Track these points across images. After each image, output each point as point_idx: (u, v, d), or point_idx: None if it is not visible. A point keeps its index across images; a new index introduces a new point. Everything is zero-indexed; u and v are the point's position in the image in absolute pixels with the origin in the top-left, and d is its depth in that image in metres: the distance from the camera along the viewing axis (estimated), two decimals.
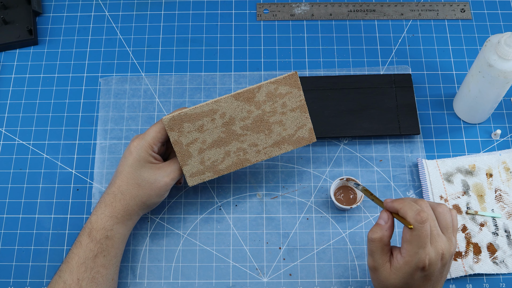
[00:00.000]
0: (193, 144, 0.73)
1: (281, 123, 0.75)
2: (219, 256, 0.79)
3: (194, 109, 0.71)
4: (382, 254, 0.63)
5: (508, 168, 0.82)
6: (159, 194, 0.73)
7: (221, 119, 0.72)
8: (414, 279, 0.61)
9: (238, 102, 0.72)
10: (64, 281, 0.68)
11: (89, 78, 0.90)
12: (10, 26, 0.92)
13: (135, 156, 0.72)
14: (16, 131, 0.87)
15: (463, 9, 0.95)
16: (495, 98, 0.79)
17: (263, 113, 0.73)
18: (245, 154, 0.75)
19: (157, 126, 0.72)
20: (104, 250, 0.70)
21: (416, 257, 0.60)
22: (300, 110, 0.75)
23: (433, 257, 0.60)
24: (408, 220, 0.61)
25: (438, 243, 0.61)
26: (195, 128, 0.72)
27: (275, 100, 0.73)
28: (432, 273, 0.61)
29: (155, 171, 0.72)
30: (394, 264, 0.62)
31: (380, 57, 0.91)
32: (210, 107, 0.72)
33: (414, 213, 0.60)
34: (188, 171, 0.74)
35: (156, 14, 0.95)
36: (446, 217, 0.62)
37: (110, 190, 0.73)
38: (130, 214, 0.73)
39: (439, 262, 0.61)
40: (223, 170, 0.75)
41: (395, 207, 0.63)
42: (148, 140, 0.72)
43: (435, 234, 0.61)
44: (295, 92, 0.73)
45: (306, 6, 0.95)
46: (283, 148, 0.76)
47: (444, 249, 0.61)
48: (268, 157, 0.76)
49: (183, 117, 0.71)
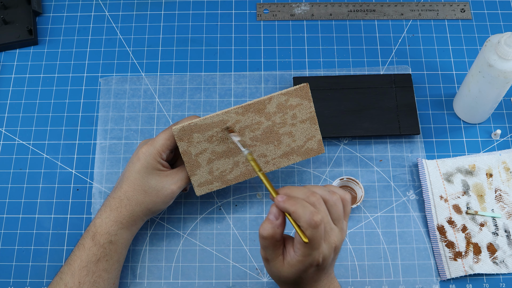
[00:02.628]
0: (202, 154, 0.72)
1: (290, 134, 0.74)
2: (219, 256, 0.79)
3: (204, 120, 0.70)
4: (275, 249, 0.61)
5: (508, 168, 0.82)
6: (165, 201, 0.73)
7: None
8: (307, 273, 0.60)
9: (248, 113, 0.71)
10: (66, 283, 0.68)
11: (89, 78, 0.90)
12: (10, 26, 0.92)
13: (143, 163, 0.71)
14: (16, 131, 0.87)
15: (463, 9, 0.95)
16: (495, 98, 0.79)
17: (273, 125, 0.73)
18: None
19: (167, 133, 0.72)
20: (107, 254, 0.70)
21: (310, 257, 0.58)
22: (310, 122, 0.74)
23: (326, 253, 0.59)
24: (302, 223, 0.57)
25: (331, 238, 0.59)
26: (204, 139, 0.71)
27: (286, 111, 0.72)
28: (325, 265, 0.60)
29: (163, 179, 0.72)
30: (287, 259, 0.60)
31: (380, 57, 0.91)
32: (220, 118, 0.71)
33: (308, 217, 0.57)
34: (196, 181, 0.74)
35: (156, 14, 0.95)
36: (338, 209, 0.60)
37: (116, 195, 0.72)
38: (135, 220, 0.72)
39: (332, 254, 0.60)
40: (231, 180, 0.75)
41: (287, 209, 0.59)
42: (157, 147, 0.71)
43: (328, 230, 0.59)
44: (306, 104, 0.73)
45: (306, 6, 0.95)
46: (292, 159, 0.76)
47: (337, 241, 0.60)
48: (277, 167, 0.76)
49: (193, 128, 0.70)
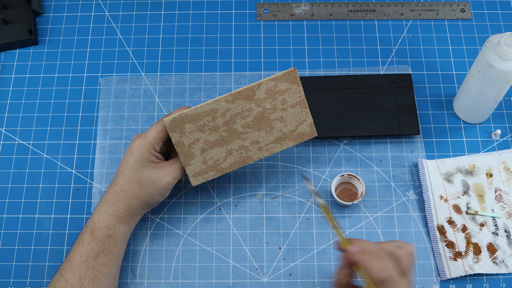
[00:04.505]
0: (195, 144, 0.73)
1: (281, 119, 0.74)
2: (219, 256, 0.79)
3: (195, 110, 0.71)
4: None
5: (508, 168, 0.82)
6: (161, 193, 0.73)
7: (222, 118, 0.72)
8: None
9: (238, 100, 0.72)
10: (66, 279, 0.68)
11: (89, 78, 0.90)
12: (10, 26, 0.92)
13: (137, 156, 0.72)
14: (16, 131, 0.87)
15: (463, 9, 0.95)
16: (495, 98, 0.79)
17: (263, 111, 0.73)
18: (247, 152, 0.75)
19: (159, 126, 0.72)
20: (106, 249, 0.70)
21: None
22: (300, 105, 0.74)
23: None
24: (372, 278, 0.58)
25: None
26: (196, 128, 0.72)
27: (275, 97, 0.73)
28: None
29: (157, 171, 0.72)
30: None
31: (380, 57, 0.91)
32: (211, 106, 0.71)
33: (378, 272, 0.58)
34: (191, 171, 0.74)
35: (156, 14, 0.95)
36: (405, 262, 0.60)
37: (112, 189, 0.73)
38: (133, 213, 0.73)
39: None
40: (226, 168, 0.75)
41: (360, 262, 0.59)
42: (150, 139, 0.72)
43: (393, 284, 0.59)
44: (295, 88, 0.73)
45: (306, 6, 0.95)
46: (285, 144, 0.76)
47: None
48: (270, 153, 0.76)
49: (184, 118, 0.71)
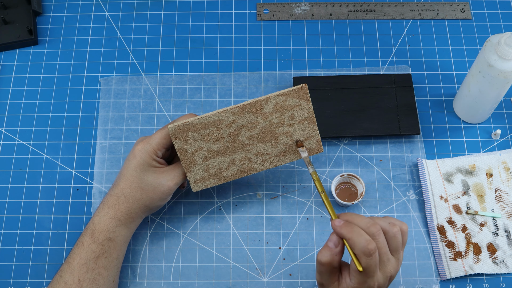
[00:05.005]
0: (198, 152, 0.72)
1: (288, 134, 0.74)
2: (219, 256, 0.79)
3: (200, 119, 0.70)
4: (331, 275, 0.62)
5: (508, 168, 0.82)
6: (162, 198, 0.73)
7: (227, 129, 0.72)
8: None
9: (245, 113, 0.71)
10: (65, 281, 0.68)
11: (89, 78, 0.90)
12: (10, 26, 0.92)
13: (139, 160, 0.72)
14: (16, 131, 0.87)
15: (463, 9, 0.95)
16: (495, 98, 0.79)
17: (270, 124, 0.73)
18: (250, 163, 0.75)
19: (163, 132, 0.72)
20: (106, 251, 0.70)
21: (365, 285, 0.60)
22: (309, 122, 0.74)
23: (381, 282, 0.60)
24: (356, 251, 0.59)
25: (387, 268, 0.60)
26: (200, 137, 0.72)
27: (283, 112, 0.72)
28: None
29: (159, 175, 0.72)
30: (343, 286, 0.62)
31: (380, 57, 0.91)
32: (216, 117, 0.71)
33: (363, 245, 0.59)
34: (192, 177, 0.74)
35: (156, 14, 0.95)
36: (397, 240, 0.61)
37: (113, 192, 0.72)
38: (133, 217, 0.73)
39: (387, 283, 0.61)
40: (227, 177, 0.75)
41: (343, 234, 0.61)
42: (153, 145, 0.72)
43: (384, 260, 0.60)
44: (304, 104, 0.72)
45: (306, 6, 0.95)
46: (289, 158, 0.76)
47: (392, 271, 0.61)
48: (274, 166, 0.76)
49: (188, 127, 0.71)
